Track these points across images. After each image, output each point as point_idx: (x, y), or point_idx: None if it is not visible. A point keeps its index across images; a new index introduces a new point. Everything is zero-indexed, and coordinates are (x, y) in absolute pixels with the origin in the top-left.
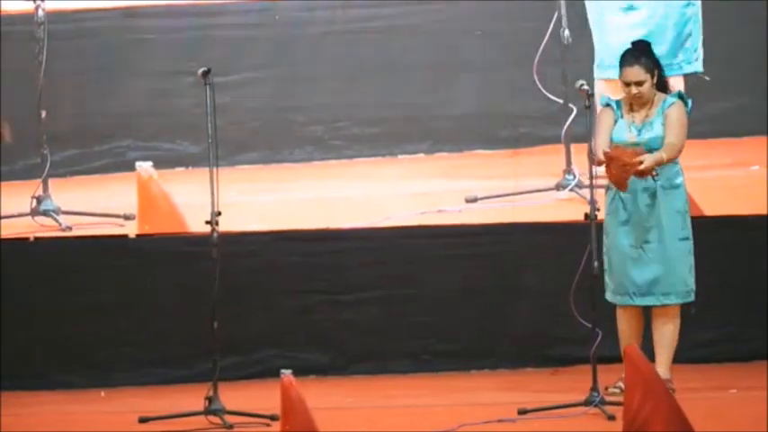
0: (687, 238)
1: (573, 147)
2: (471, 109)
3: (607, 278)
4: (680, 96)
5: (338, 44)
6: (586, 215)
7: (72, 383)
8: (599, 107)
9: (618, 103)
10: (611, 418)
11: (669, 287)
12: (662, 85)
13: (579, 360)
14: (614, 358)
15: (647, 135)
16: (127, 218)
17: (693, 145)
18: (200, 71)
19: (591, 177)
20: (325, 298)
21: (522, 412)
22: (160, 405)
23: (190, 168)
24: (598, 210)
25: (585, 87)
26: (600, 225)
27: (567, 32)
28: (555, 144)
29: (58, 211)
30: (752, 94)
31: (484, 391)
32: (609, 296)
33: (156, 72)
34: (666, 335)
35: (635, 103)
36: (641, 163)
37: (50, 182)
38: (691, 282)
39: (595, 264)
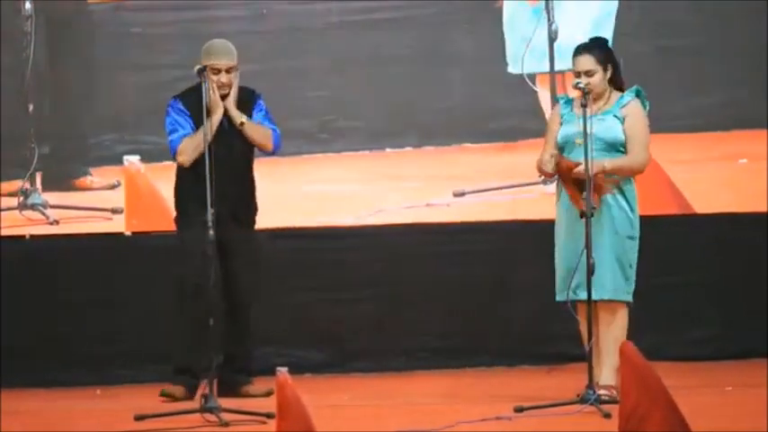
0: (631, 237)
1: None
2: (459, 102)
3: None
4: (637, 93)
5: (326, 38)
6: (582, 212)
7: (68, 381)
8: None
9: (570, 100)
10: (607, 415)
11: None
12: (618, 85)
13: (575, 358)
14: None
15: (597, 125)
16: (114, 212)
17: (680, 139)
18: (196, 69)
19: (588, 174)
20: (321, 296)
21: (518, 410)
22: (156, 403)
23: None
24: (594, 208)
25: (582, 86)
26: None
27: (554, 26)
28: (543, 138)
29: (45, 205)
30: (738, 88)
31: (480, 389)
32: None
33: (143, 65)
34: (604, 340)
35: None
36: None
37: (38, 176)
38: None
39: (591, 261)
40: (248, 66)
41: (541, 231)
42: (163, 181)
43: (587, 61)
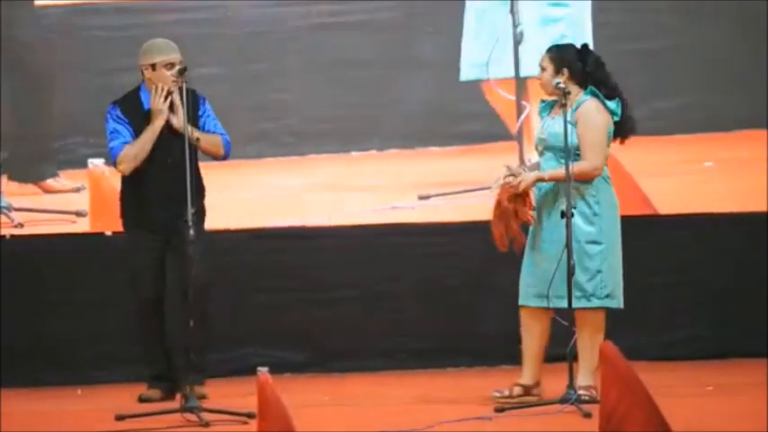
0: (596, 242)
1: (526, 143)
2: (424, 106)
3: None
4: (593, 94)
5: (291, 41)
6: (562, 213)
7: (49, 381)
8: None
9: (548, 104)
10: (588, 415)
11: (553, 289)
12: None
13: (555, 358)
14: None
15: (549, 130)
16: (79, 214)
17: (644, 142)
18: (176, 69)
19: (567, 174)
20: (301, 296)
21: (498, 410)
22: (137, 403)
23: None
24: (574, 207)
25: (562, 86)
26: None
27: (520, 28)
28: (508, 141)
29: (9, 208)
30: (701, 91)
31: (460, 389)
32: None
33: (108, 69)
34: (580, 343)
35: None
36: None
37: (3, 178)
38: (590, 286)
39: (572, 262)
40: (213, 68)
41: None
42: None
43: (542, 58)
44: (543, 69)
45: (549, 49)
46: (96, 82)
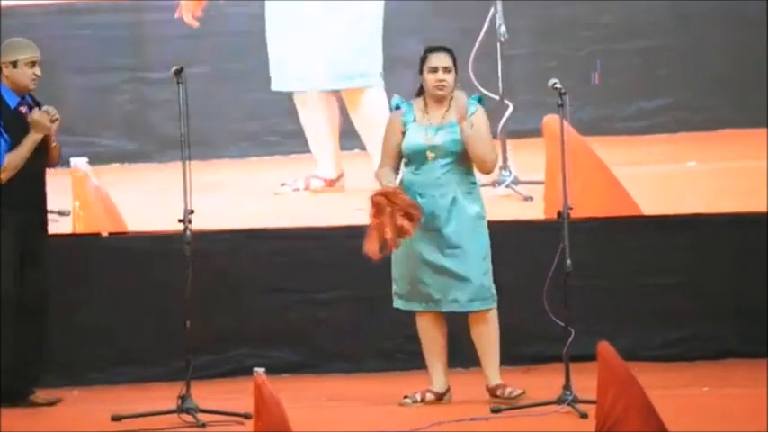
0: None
1: (509, 143)
2: None
3: (397, 286)
4: (479, 101)
5: None
6: (559, 213)
7: (45, 382)
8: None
9: (410, 105)
10: (584, 416)
11: (473, 294)
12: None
13: (552, 358)
14: (587, 356)
15: (446, 137)
16: (61, 214)
17: (628, 141)
18: (173, 70)
19: (563, 175)
20: (298, 296)
21: (494, 411)
22: (133, 403)
23: (125, 164)
24: (571, 208)
25: (558, 86)
26: (572, 223)
27: (503, 29)
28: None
29: None
30: (684, 90)
31: (457, 390)
32: (401, 304)
33: (91, 68)
34: (483, 341)
35: (434, 99)
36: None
37: None
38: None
39: (568, 262)
40: (197, 68)
41: (517, 232)
42: (110, 183)
43: (446, 58)
44: (449, 70)
45: (449, 51)
46: (80, 81)
